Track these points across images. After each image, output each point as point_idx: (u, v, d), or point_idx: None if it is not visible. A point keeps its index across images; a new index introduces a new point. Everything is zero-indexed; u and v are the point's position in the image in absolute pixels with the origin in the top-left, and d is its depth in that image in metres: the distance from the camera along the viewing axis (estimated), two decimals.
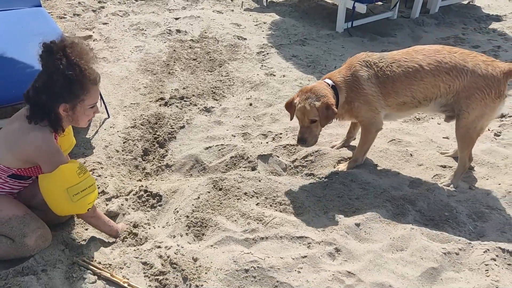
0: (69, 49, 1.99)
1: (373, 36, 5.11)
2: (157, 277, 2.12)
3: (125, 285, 2.04)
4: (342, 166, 2.83)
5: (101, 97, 3.25)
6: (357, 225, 2.45)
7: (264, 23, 5.31)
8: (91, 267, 2.10)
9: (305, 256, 2.25)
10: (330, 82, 2.63)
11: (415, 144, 3.13)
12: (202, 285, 2.09)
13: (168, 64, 4.20)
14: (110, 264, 2.16)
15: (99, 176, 2.72)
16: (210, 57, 4.36)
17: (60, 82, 1.98)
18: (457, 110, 2.51)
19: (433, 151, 3.06)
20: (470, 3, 6.30)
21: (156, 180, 2.83)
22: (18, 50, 3.12)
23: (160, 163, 2.98)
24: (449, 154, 2.97)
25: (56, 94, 2.01)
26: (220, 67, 4.20)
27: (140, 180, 2.84)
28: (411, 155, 3.01)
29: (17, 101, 2.68)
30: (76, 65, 1.98)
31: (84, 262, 2.13)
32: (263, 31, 5.10)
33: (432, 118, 3.49)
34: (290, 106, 2.64)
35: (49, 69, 2.00)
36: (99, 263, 2.14)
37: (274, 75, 4.10)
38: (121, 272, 2.12)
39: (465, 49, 2.55)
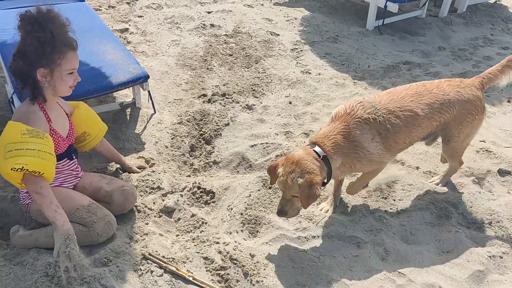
0: (41, 15, 2.08)
1: (403, 34, 5.16)
2: (218, 271, 2.25)
3: (190, 278, 2.17)
4: (325, 206, 2.68)
5: (149, 93, 3.35)
6: (403, 226, 2.56)
7: (295, 18, 5.36)
8: (158, 260, 2.22)
9: (356, 256, 2.37)
10: (319, 150, 2.28)
11: None
12: (262, 281, 2.21)
13: (205, 60, 4.28)
14: (173, 258, 2.28)
15: (153, 171, 2.84)
16: (245, 53, 4.44)
17: (34, 46, 2.06)
18: (448, 136, 2.59)
19: (472, 154, 3.14)
20: (497, 2, 6.30)
21: (205, 177, 2.93)
22: None
23: (207, 159, 3.09)
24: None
25: (31, 58, 2.09)
26: (257, 63, 4.28)
27: (189, 176, 2.96)
28: None
29: (79, 97, 2.77)
30: (47, 29, 2.05)
31: (151, 255, 2.25)
32: (294, 27, 5.16)
33: None
34: (273, 172, 2.31)
35: (23, 34, 2.10)
36: (163, 257, 2.27)
37: (310, 73, 4.18)
38: (184, 266, 2.25)
39: (432, 82, 2.59)
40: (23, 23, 2.10)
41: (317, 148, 2.30)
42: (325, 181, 2.35)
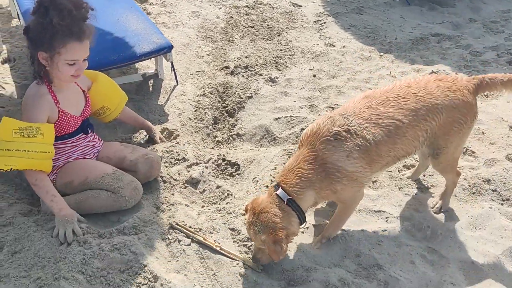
0: (55, 1, 2.02)
1: (432, 5, 4.96)
2: (245, 243, 2.23)
3: (217, 249, 2.15)
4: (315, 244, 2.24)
5: (172, 66, 3.30)
6: (434, 201, 2.49)
7: None
8: (185, 230, 2.21)
9: (385, 230, 2.32)
10: (282, 194, 1.99)
11: (486, 122, 3.11)
12: (288, 255, 2.18)
13: (226, 31, 4.19)
14: (200, 229, 2.27)
15: (178, 143, 2.81)
16: (267, 25, 4.33)
17: (35, 28, 2.05)
18: (436, 149, 2.21)
19: (505, 129, 3.03)
20: None
21: (229, 149, 2.90)
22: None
23: (231, 132, 3.05)
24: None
25: (32, 39, 2.08)
26: (279, 35, 4.17)
27: (212, 148, 2.92)
28: (483, 133, 3.00)
29: (102, 67, 2.73)
30: (48, 15, 2.00)
31: (178, 225, 2.24)
32: None
33: (501, 96, 3.42)
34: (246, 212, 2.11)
35: (32, 14, 2.07)
36: (190, 227, 2.25)
37: (334, 46, 4.06)
38: (211, 237, 2.23)
39: (421, 79, 2.21)
40: (35, 1, 2.07)
41: (280, 192, 2.00)
42: (300, 222, 2.04)
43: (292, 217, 2.00)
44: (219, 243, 2.19)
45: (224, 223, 2.32)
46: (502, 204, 2.50)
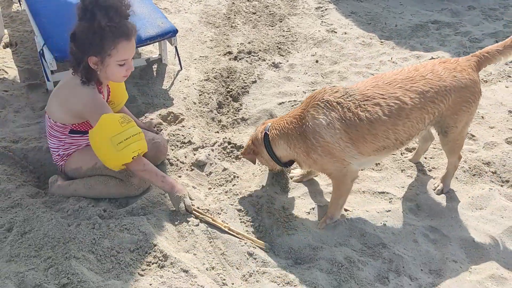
0: (93, 3, 2.00)
1: None
2: (252, 223, 2.27)
3: (226, 229, 2.20)
4: (320, 225, 2.30)
5: (176, 50, 3.31)
6: (435, 180, 2.55)
7: None
8: (194, 211, 2.25)
9: (389, 211, 2.37)
10: (266, 129, 2.29)
11: (486, 106, 3.16)
12: (294, 234, 2.23)
13: (229, 17, 4.20)
14: (208, 210, 2.31)
15: (183, 126, 2.84)
16: (269, 11, 4.34)
17: (84, 33, 2.02)
18: (443, 127, 2.24)
19: (504, 114, 3.09)
20: None
21: (234, 133, 2.93)
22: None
23: (235, 116, 3.08)
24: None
25: (82, 45, 2.05)
26: (281, 22, 4.18)
27: (217, 132, 2.95)
28: (483, 117, 3.05)
29: None
30: (96, 19, 1.98)
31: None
32: None
33: (500, 81, 3.48)
34: None
35: (78, 18, 2.04)
36: (198, 208, 2.29)
37: (336, 32, 4.09)
38: (219, 217, 2.27)
39: (431, 64, 2.23)
40: (79, 7, 2.03)
41: (265, 127, 2.31)
42: (272, 158, 2.31)
43: (262, 146, 2.32)
44: (227, 223, 2.23)
45: (231, 204, 2.36)
46: (501, 186, 2.56)
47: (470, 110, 2.23)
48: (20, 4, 4.14)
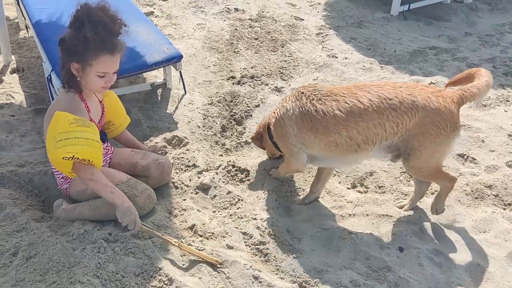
0: (84, 14, 2.08)
1: (428, 20, 5.10)
2: (257, 246, 2.28)
3: (176, 245, 2.15)
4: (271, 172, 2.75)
5: (181, 75, 3.38)
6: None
7: (318, 3, 5.33)
8: (142, 225, 2.19)
9: (393, 234, 2.38)
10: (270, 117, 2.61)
11: (485, 130, 3.20)
12: (298, 257, 2.24)
13: (231, 43, 4.29)
14: (213, 233, 2.32)
15: (188, 150, 2.87)
16: (271, 37, 4.43)
17: (70, 40, 2.10)
18: (408, 149, 2.19)
19: (504, 137, 3.13)
20: None
21: (238, 156, 2.96)
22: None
23: (239, 139, 3.11)
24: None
25: (65, 50, 2.13)
26: (283, 47, 4.27)
27: (221, 155, 2.98)
28: (483, 141, 3.09)
29: None
30: (83, 29, 2.04)
31: (143, 224, 2.21)
32: (318, 12, 5.13)
33: (498, 105, 3.54)
34: None
35: (68, 26, 2.13)
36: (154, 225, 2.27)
37: (336, 57, 4.17)
38: (224, 241, 2.28)
39: (410, 83, 2.29)
40: (74, 14, 2.12)
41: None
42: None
43: (265, 132, 2.62)
44: (181, 241, 2.21)
45: (236, 227, 2.37)
46: (504, 209, 2.57)
47: (438, 138, 2.14)
48: (27, 31, 4.24)
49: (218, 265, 2.13)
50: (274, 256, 2.23)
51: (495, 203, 2.60)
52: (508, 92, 3.65)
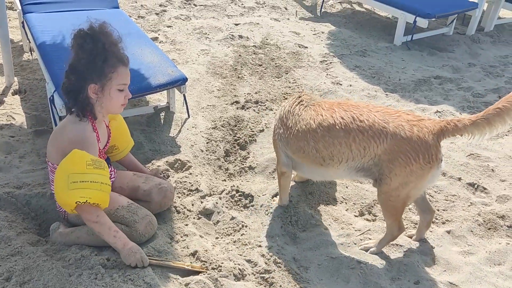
0: (93, 30, 2.06)
1: (431, 50, 5.14)
2: (262, 275, 2.17)
3: (189, 267, 2.10)
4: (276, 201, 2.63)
5: (184, 98, 3.34)
6: (451, 236, 2.47)
7: (322, 32, 5.38)
8: (151, 260, 2.10)
9: (405, 264, 2.28)
10: None
11: (495, 159, 3.14)
12: (305, 287, 2.13)
13: (235, 69, 4.28)
14: (216, 260, 2.21)
15: (190, 174, 2.79)
16: (275, 63, 4.43)
17: (85, 59, 2.03)
18: (379, 174, 2.14)
19: None
20: None
21: (242, 181, 2.88)
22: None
23: (242, 164, 3.04)
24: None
25: (83, 72, 2.05)
26: (287, 74, 4.26)
27: (224, 180, 2.90)
28: (493, 170, 3.02)
29: None
30: (99, 41, 2.03)
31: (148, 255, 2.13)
32: (322, 40, 5.17)
33: (506, 135, 3.49)
34: None
35: (75, 49, 2.07)
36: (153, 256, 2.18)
37: (341, 84, 4.15)
38: (227, 269, 2.17)
39: (390, 108, 2.23)
40: (76, 39, 2.08)
41: None
42: None
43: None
44: (191, 263, 2.14)
45: (240, 254, 2.26)
46: None
47: (408, 167, 2.05)
48: (31, 53, 4.24)
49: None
50: (280, 286, 2.12)
51: (509, 234, 2.51)
52: None
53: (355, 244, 2.41)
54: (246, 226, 2.48)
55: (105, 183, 2.05)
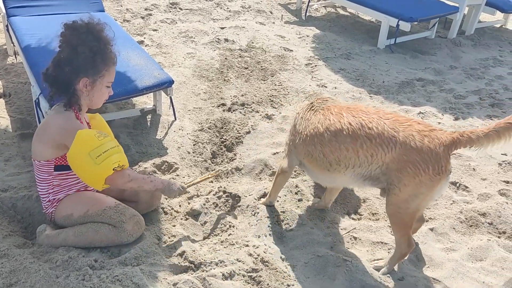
0: (93, 27, 2.13)
1: (414, 53, 5.24)
2: (250, 274, 2.19)
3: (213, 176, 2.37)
4: (262, 201, 2.65)
5: (171, 100, 3.35)
6: (433, 233, 2.52)
7: (307, 36, 5.44)
8: (189, 185, 2.40)
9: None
10: None
11: (476, 159, 3.22)
12: (293, 285, 2.15)
13: (222, 72, 4.31)
14: (205, 260, 2.23)
15: (177, 175, 2.80)
16: (261, 66, 4.47)
17: (85, 54, 2.08)
18: (388, 183, 2.09)
19: (494, 166, 3.14)
20: (503, 26, 6.46)
21: (229, 182, 2.90)
22: None
23: (229, 166, 3.06)
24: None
25: (79, 66, 2.10)
26: (272, 76, 4.31)
27: (211, 182, 2.92)
28: (474, 169, 3.10)
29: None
30: (101, 40, 2.12)
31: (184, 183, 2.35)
32: (307, 43, 5.23)
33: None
34: None
35: (74, 43, 2.10)
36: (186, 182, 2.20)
37: (326, 87, 4.21)
38: (214, 269, 2.19)
39: (401, 116, 2.15)
40: (73, 33, 2.10)
41: None
42: None
43: None
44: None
45: (228, 254, 2.28)
46: (499, 237, 2.54)
47: (417, 178, 2.00)
48: (15, 57, 4.20)
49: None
50: (268, 284, 2.14)
51: (490, 231, 2.58)
52: (493, 120, 3.70)
53: (341, 242, 2.45)
54: (233, 226, 2.49)
55: (118, 145, 2.16)
